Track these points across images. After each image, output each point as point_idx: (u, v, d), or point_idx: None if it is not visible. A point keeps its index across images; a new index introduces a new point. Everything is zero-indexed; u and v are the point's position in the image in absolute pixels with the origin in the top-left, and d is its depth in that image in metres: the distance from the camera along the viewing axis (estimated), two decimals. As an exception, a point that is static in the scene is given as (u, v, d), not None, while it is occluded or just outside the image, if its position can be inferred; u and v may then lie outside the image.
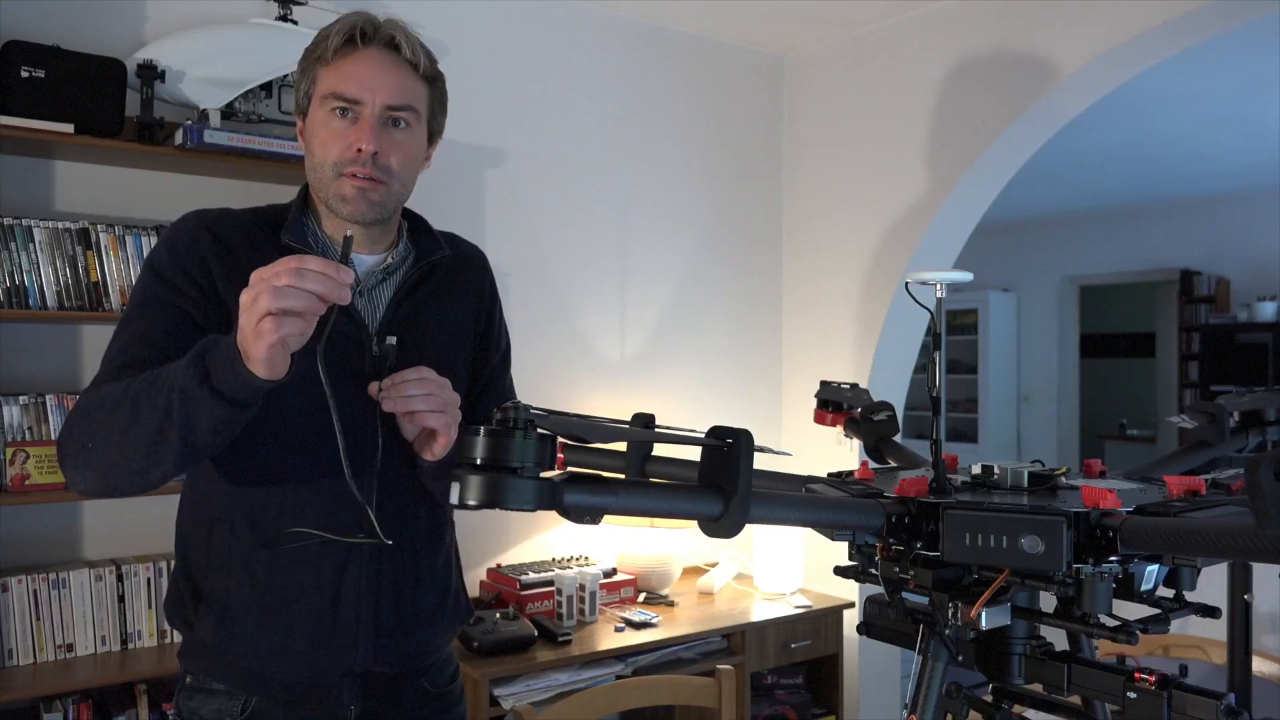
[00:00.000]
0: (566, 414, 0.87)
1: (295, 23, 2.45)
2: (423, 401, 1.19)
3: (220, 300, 1.25)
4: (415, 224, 1.45)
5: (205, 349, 1.07)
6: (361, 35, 1.27)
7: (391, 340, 1.24)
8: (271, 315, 0.99)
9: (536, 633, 2.57)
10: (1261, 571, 1.64)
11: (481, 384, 1.48)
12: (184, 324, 1.23)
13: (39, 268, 2.20)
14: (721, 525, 0.78)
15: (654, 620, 2.79)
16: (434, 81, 1.35)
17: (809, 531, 1.04)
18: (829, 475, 1.09)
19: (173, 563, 2.30)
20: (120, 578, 2.29)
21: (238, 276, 1.25)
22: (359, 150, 1.25)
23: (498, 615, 2.59)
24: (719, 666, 1.91)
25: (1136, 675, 0.86)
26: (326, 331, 1.06)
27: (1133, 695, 0.86)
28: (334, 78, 1.27)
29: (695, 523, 0.80)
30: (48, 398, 2.23)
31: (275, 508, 1.28)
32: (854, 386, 1.40)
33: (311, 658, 1.29)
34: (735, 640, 2.87)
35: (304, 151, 1.33)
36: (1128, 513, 0.85)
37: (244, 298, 1.02)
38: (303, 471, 1.27)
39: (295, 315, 1.00)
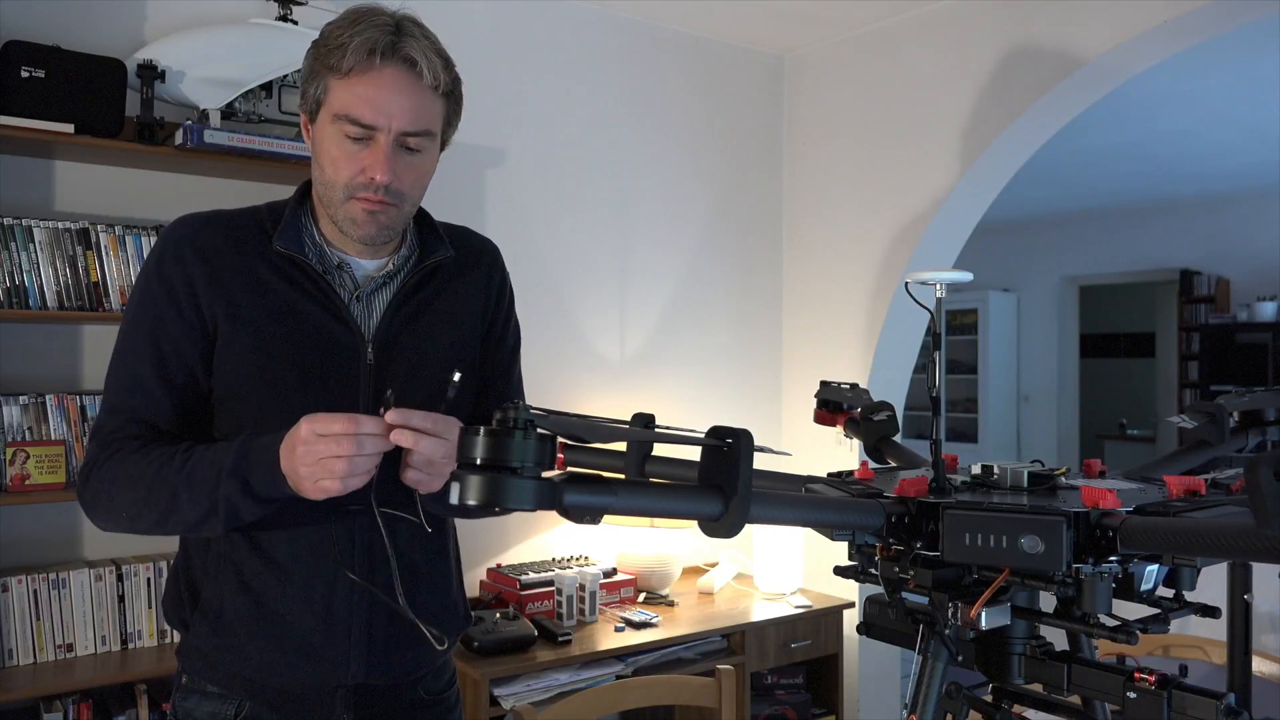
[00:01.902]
0: (566, 414, 0.86)
1: (295, 23, 2.45)
2: (415, 453, 1.14)
3: (203, 317, 1.25)
4: (422, 222, 1.40)
5: (242, 459, 1.14)
6: (380, 53, 1.20)
7: (456, 377, 1.15)
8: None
9: (536, 633, 2.57)
10: (1261, 571, 1.64)
11: (485, 380, 1.44)
12: (176, 365, 1.25)
13: (39, 268, 2.20)
14: (721, 525, 0.78)
15: (654, 620, 2.79)
16: (451, 93, 1.29)
17: (809, 531, 1.04)
18: (829, 475, 1.09)
19: (172, 562, 2.32)
20: (120, 578, 2.29)
21: (219, 290, 1.25)
22: (373, 179, 1.22)
23: (498, 615, 2.59)
24: (719, 666, 1.91)
25: (1136, 675, 0.86)
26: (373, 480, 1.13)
27: (1133, 695, 0.86)
28: (348, 97, 1.20)
29: (695, 523, 0.80)
30: (48, 398, 2.24)
31: (269, 521, 1.26)
32: (854, 386, 1.40)
33: (303, 670, 1.28)
34: (735, 640, 2.87)
35: (310, 155, 1.29)
36: (1128, 513, 0.85)
37: (301, 451, 1.09)
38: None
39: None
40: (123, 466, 1.20)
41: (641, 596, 3.01)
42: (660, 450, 1.15)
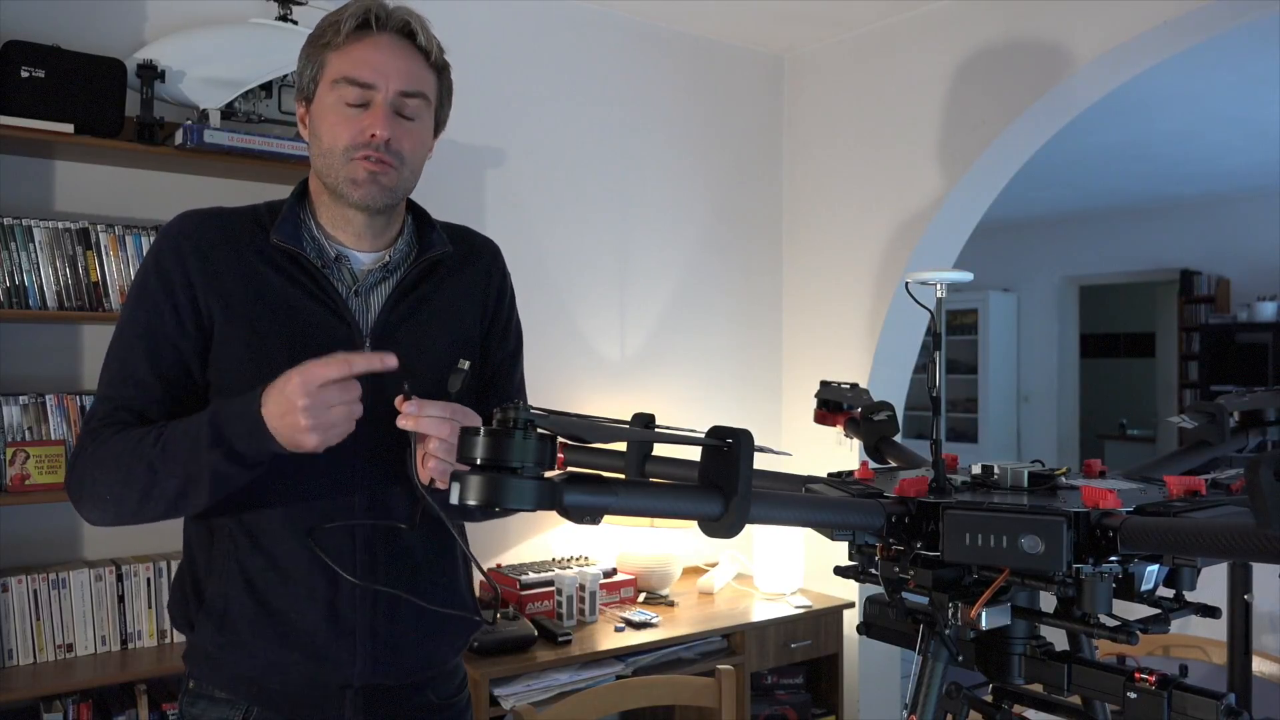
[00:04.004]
0: (566, 414, 0.86)
1: (295, 23, 2.45)
2: (438, 442, 1.13)
3: (200, 312, 1.26)
4: (419, 218, 1.41)
5: (219, 428, 1.12)
6: (375, 20, 1.24)
7: (464, 365, 1.15)
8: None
9: (536, 633, 2.57)
10: (1261, 571, 1.64)
11: (486, 380, 1.43)
12: (170, 358, 1.26)
13: (39, 268, 2.20)
14: (721, 525, 0.78)
15: (654, 620, 2.79)
16: (442, 71, 1.33)
17: (809, 531, 1.04)
18: (829, 475, 1.09)
19: (172, 562, 2.32)
20: (120, 578, 2.29)
21: (216, 286, 1.26)
22: (373, 135, 1.23)
23: (498, 614, 2.59)
24: (719, 666, 1.91)
25: (1136, 675, 0.86)
26: (413, 449, 1.14)
27: (1133, 695, 0.86)
28: (346, 62, 1.24)
29: (695, 523, 0.80)
30: (48, 398, 2.23)
31: (270, 521, 1.27)
32: (854, 386, 1.40)
33: (309, 670, 1.28)
34: (735, 640, 2.87)
35: (308, 138, 1.30)
36: (1128, 513, 0.85)
37: (305, 404, 1.07)
38: (305, 490, 1.26)
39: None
40: (103, 451, 1.20)
41: (641, 596, 3.01)
42: (660, 450, 1.15)
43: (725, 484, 0.78)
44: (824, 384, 1.42)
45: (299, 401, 1.07)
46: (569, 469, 1.05)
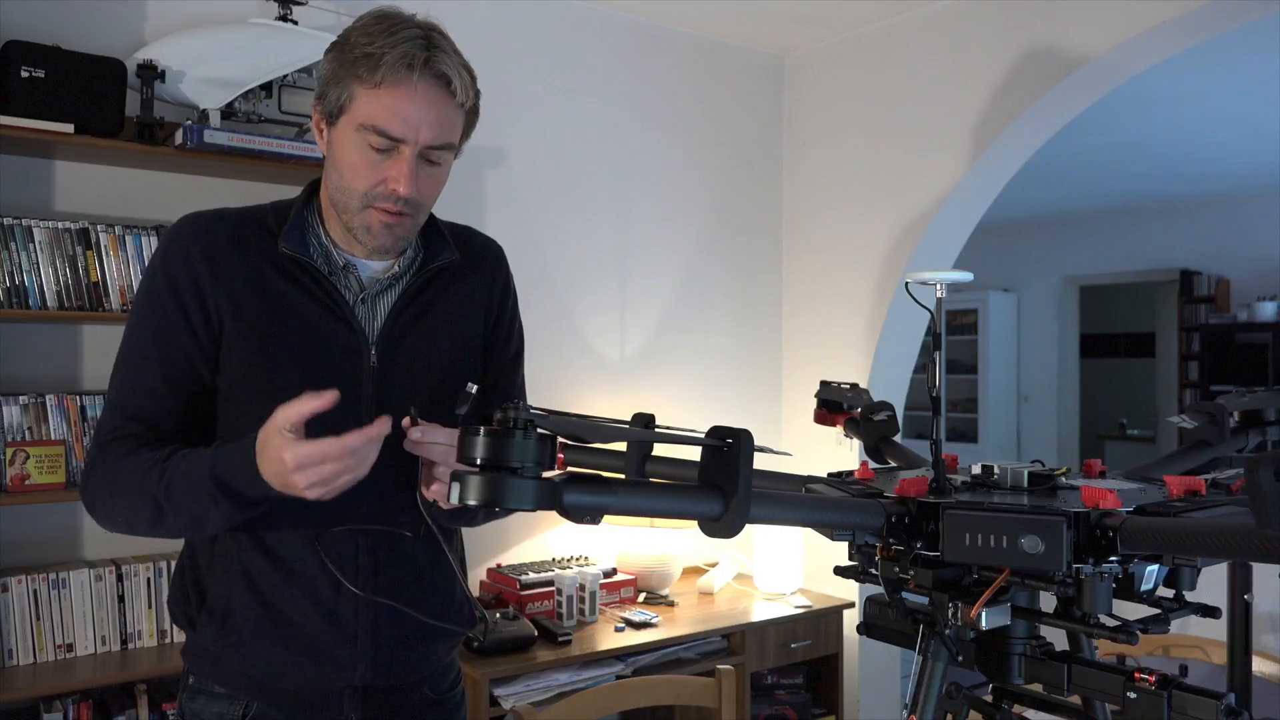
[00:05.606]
0: (566, 414, 0.87)
1: (295, 23, 2.45)
2: (440, 466, 1.15)
3: (209, 316, 1.25)
4: (427, 223, 1.39)
5: (221, 479, 1.12)
6: (417, 68, 1.19)
7: (471, 389, 1.15)
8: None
9: (536, 633, 2.57)
10: (1261, 571, 1.64)
11: (487, 383, 1.42)
12: (181, 364, 1.25)
13: (39, 268, 2.20)
14: (721, 525, 0.79)
15: (654, 620, 2.79)
16: (474, 108, 1.29)
17: (809, 531, 1.04)
18: (829, 475, 1.09)
19: (172, 562, 2.32)
20: (120, 578, 2.29)
21: (223, 288, 1.25)
22: (394, 189, 1.22)
23: (498, 615, 2.59)
24: (719, 666, 1.91)
25: (1136, 675, 0.86)
26: (419, 468, 1.16)
27: (1133, 695, 0.86)
28: (377, 108, 1.19)
29: (695, 523, 0.80)
30: (48, 398, 2.23)
31: (275, 525, 1.26)
32: (854, 386, 1.40)
33: (311, 671, 1.28)
34: (735, 640, 2.87)
35: (324, 152, 1.28)
36: (1128, 513, 0.85)
37: (301, 477, 1.06)
38: (312, 501, 1.26)
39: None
40: (112, 473, 1.20)
41: (641, 596, 3.01)
42: (660, 450, 1.15)
43: (725, 484, 0.78)
44: (824, 384, 1.42)
45: (299, 481, 1.05)
46: (569, 469, 1.05)
